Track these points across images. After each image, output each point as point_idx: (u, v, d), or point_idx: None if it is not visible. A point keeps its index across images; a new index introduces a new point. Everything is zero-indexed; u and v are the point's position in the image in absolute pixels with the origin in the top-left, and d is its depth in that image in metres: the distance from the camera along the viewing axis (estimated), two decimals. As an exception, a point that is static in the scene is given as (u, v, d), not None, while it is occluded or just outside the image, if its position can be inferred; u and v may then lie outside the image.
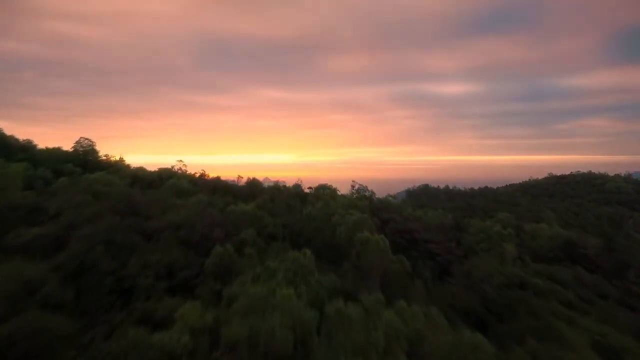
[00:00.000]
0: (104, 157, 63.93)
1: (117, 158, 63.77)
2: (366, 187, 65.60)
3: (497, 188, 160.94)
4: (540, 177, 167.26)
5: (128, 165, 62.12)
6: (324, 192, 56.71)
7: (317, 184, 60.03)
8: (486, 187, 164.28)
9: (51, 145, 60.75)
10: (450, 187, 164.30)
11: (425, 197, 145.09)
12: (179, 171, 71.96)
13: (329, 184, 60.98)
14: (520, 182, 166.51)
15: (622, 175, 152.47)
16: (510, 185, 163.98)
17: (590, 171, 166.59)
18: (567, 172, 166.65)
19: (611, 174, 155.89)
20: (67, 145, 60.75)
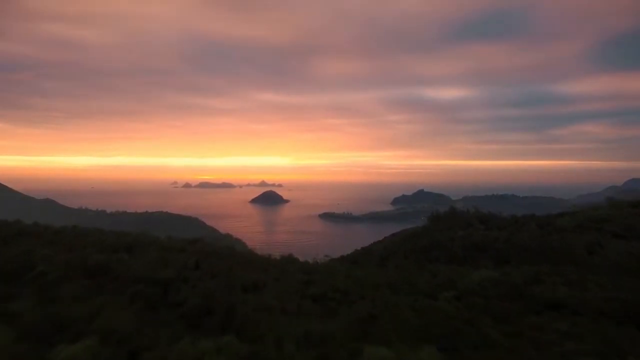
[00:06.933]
0: None
1: None
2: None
3: (545, 217, 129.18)
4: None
5: None
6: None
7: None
8: (525, 214, 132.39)
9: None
10: (477, 209, 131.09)
11: (464, 233, 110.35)
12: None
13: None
14: (567, 207, 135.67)
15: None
16: (559, 215, 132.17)
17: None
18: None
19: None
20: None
